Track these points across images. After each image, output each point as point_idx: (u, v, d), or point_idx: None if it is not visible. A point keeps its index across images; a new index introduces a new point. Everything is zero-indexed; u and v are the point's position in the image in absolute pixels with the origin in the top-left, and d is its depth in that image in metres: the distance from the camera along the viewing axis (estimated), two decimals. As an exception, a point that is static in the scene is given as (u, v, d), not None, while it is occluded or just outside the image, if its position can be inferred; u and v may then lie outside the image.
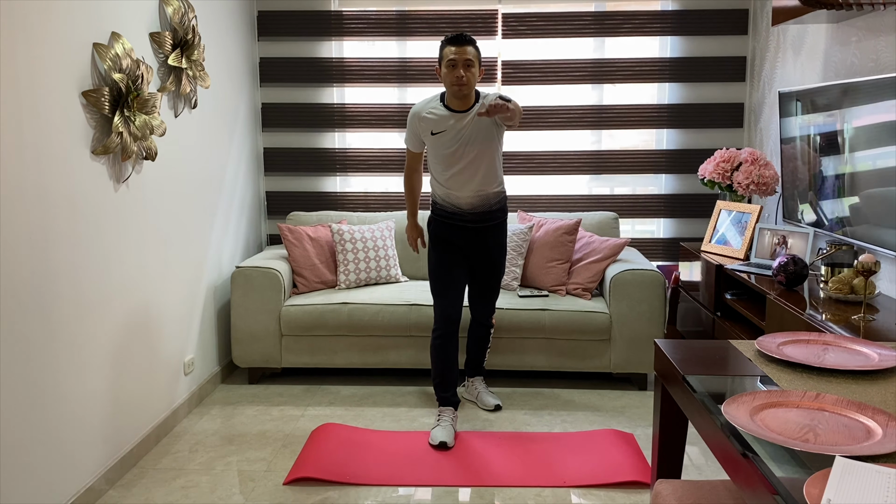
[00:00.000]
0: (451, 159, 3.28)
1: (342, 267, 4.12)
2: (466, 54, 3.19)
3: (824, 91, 3.21)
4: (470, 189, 3.31)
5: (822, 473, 1.20)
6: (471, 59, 3.20)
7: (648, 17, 4.45)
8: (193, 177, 3.63)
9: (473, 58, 3.22)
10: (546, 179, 4.66)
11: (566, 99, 4.58)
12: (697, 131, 4.55)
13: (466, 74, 3.19)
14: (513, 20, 4.49)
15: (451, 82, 3.22)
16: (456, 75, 3.19)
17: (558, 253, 4.04)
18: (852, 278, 2.78)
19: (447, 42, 3.24)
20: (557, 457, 3.07)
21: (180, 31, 3.32)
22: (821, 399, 1.52)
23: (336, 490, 2.84)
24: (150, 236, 3.18)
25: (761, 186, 3.74)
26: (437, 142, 3.29)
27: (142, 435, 3.13)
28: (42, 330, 2.45)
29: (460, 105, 3.27)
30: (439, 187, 3.37)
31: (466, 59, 3.19)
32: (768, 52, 4.16)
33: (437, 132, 3.27)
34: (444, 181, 3.33)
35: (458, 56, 3.19)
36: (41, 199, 2.43)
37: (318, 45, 4.59)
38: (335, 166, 4.69)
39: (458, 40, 3.21)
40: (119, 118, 2.79)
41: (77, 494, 2.65)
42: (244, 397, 3.81)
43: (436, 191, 3.40)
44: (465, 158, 3.27)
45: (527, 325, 3.80)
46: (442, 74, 3.26)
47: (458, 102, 3.26)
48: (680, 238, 4.64)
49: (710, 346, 1.97)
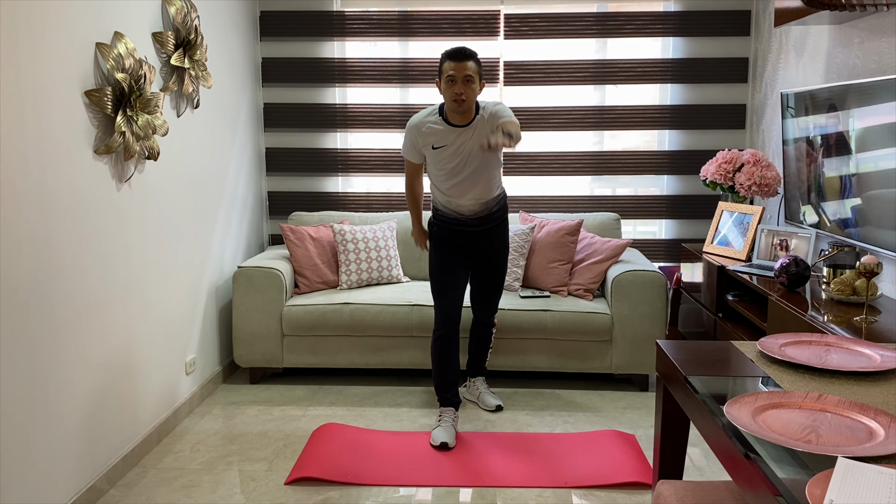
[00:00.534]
0: (451, 172, 3.26)
1: (344, 267, 4.12)
2: (466, 70, 3.11)
3: (827, 92, 3.21)
4: (471, 197, 3.30)
5: (824, 474, 1.20)
6: (471, 74, 3.12)
7: (650, 18, 4.45)
8: (195, 177, 3.64)
9: (474, 73, 3.13)
10: (548, 180, 4.66)
11: (568, 100, 4.58)
12: (699, 132, 4.55)
13: (466, 91, 3.11)
14: (515, 21, 4.49)
15: (450, 98, 3.14)
16: (455, 92, 3.11)
17: (560, 254, 4.04)
18: (854, 280, 2.78)
19: (446, 57, 3.15)
20: (559, 457, 3.07)
21: (183, 30, 3.32)
22: (823, 400, 1.52)
23: (337, 490, 2.84)
24: (152, 236, 3.19)
25: (763, 188, 3.74)
26: (438, 156, 3.25)
27: (143, 434, 3.13)
28: (44, 329, 2.45)
29: (461, 119, 3.21)
30: (440, 195, 3.36)
31: (466, 76, 3.11)
32: (770, 54, 4.16)
33: (439, 147, 3.24)
34: (444, 189, 3.32)
35: (458, 72, 3.10)
36: (44, 199, 2.43)
37: (321, 45, 4.59)
38: (337, 166, 4.69)
39: (458, 55, 3.12)
40: (122, 118, 2.79)
41: (78, 493, 2.65)
42: (246, 397, 3.81)
43: (436, 197, 3.40)
44: (465, 171, 3.24)
45: (528, 326, 3.80)
46: (441, 89, 3.18)
47: (458, 117, 3.21)
48: (682, 239, 4.64)
49: (711, 347, 1.97)
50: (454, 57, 3.13)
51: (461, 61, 3.11)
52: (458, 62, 3.11)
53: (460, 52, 3.13)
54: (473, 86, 3.14)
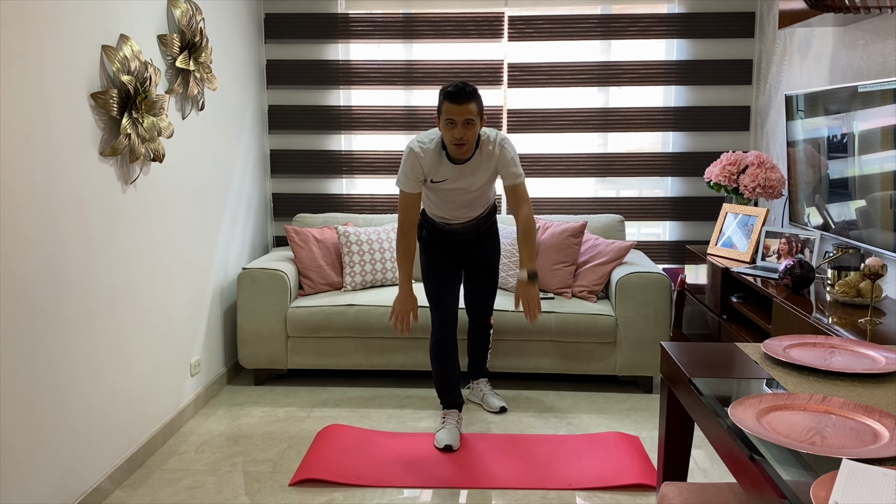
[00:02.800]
0: (446, 197, 3.22)
1: (348, 269, 4.13)
2: (467, 114, 2.96)
3: (831, 94, 3.21)
4: (461, 215, 3.30)
5: (828, 476, 1.20)
6: (472, 118, 2.98)
7: (655, 20, 4.45)
8: (200, 178, 3.65)
9: (475, 116, 2.99)
10: (552, 182, 4.67)
11: (572, 102, 4.59)
12: (704, 134, 4.55)
13: (466, 135, 2.99)
14: (519, 23, 4.50)
15: (449, 140, 3.02)
16: (455, 136, 2.99)
17: (564, 255, 4.04)
18: (859, 281, 2.77)
19: (446, 98, 2.98)
20: (563, 459, 3.07)
21: (188, 33, 3.34)
22: (827, 402, 1.52)
23: (341, 491, 2.85)
24: (157, 237, 3.20)
25: (767, 189, 3.74)
26: (436, 187, 3.19)
27: (148, 435, 3.14)
28: (50, 330, 2.46)
29: (460, 156, 3.10)
30: (429, 211, 3.34)
31: (466, 119, 2.97)
32: (775, 56, 4.15)
33: (438, 181, 3.16)
34: (435, 203, 3.28)
35: (458, 116, 2.96)
36: (49, 200, 2.44)
37: (325, 47, 4.60)
38: (341, 168, 4.70)
39: (458, 97, 2.95)
40: (127, 120, 2.80)
41: (84, 494, 2.66)
42: (250, 398, 3.82)
43: (425, 206, 3.36)
44: (461, 199, 3.22)
45: (532, 328, 3.80)
46: (440, 127, 3.05)
47: (458, 154, 3.09)
48: (686, 241, 4.64)
49: (716, 349, 1.97)
50: (454, 99, 2.96)
51: (461, 104, 2.96)
52: (458, 105, 2.96)
53: (460, 94, 2.96)
54: (474, 128, 3.01)
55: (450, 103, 2.98)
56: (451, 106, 2.97)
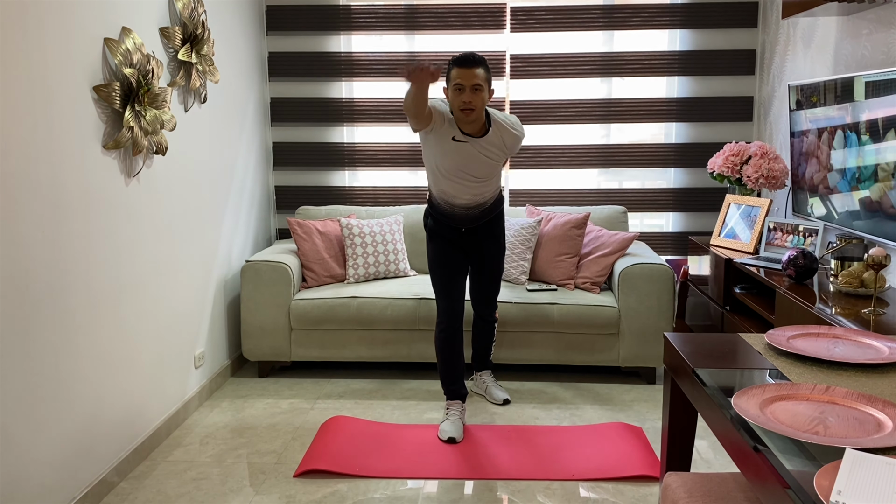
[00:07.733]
0: (454, 174, 3.18)
1: (351, 261, 4.13)
2: (475, 79, 2.99)
3: (835, 84, 3.20)
4: (467, 198, 3.26)
5: (832, 466, 1.21)
6: (479, 83, 3.00)
7: (657, 11, 4.43)
8: (203, 171, 3.65)
9: (482, 81, 3.02)
10: (555, 173, 4.66)
11: (575, 93, 4.58)
12: (707, 125, 4.54)
13: (474, 99, 3.00)
14: (521, 14, 4.49)
15: (457, 107, 3.03)
16: (463, 100, 3.00)
17: (567, 247, 4.04)
18: (862, 272, 2.77)
19: (454, 63, 3.04)
20: (566, 450, 3.08)
21: (190, 25, 3.33)
22: (831, 392, 1.53)
23: (345, 483, 2.86)
24: (160, 230, 3.20)
25: (771, 180, 3.73)
26: (450, 149, 3.12)
27: (153, 428, 3.15)
28: (54, 322, 2.47)
29: (472, 130, 3.11)
30: (436, 188, 3.30)
31: (474, 84, 3.00)
32: (778, 46, 4.14)
33: (459, 140, 3.12)
34: (442, 185, 3.25)
35: (466, 81, 2.99)
36: (52, 194, 2.45)
37: (327, 39, 4.59)
38: (344, 160, 4.70)
39: (466, 62, 3.00)
40: (130, 113, 2.80)
41: (89, 486, 2.67)
42: (254, 390, 3.83)
43: (432, 189, 3.35)
44: (468, 177, 3.20)
45: (535, 319, 3.80)
46: (449, 97, 3.08)
47: (468, 127, 3.10)
48: (689, 232, 4.63)
49: (719, 340, 1.97)
50: (462, 64, 3.01)
51: (470, 68, 3.00)
52: (466, 69, 3.00)
53: (469, 59, 3.01)
54: (482, 94, 3.03)
55: (458, 68, 3.03)
56: (460, 70, 3.02)
